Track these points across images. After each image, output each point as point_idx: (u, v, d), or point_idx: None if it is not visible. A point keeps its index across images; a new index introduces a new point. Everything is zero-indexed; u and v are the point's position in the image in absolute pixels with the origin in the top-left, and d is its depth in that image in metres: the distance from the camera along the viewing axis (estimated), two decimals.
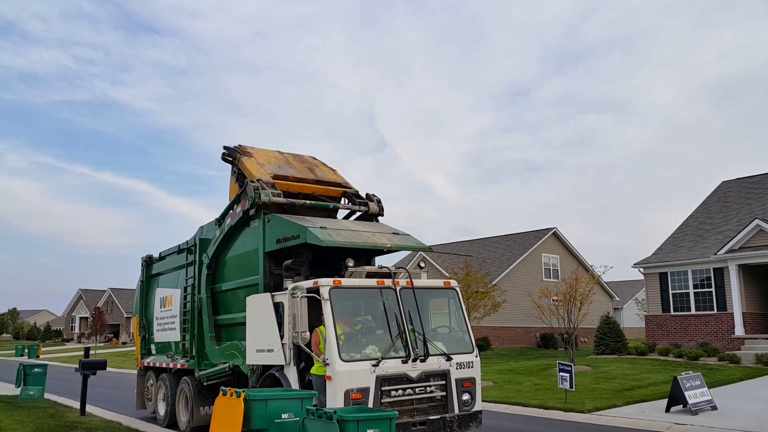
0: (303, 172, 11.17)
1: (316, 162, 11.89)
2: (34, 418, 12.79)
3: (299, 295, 8.15)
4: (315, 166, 11.60)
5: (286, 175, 10.79)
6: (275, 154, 11.40)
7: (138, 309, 15.08)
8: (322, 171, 11.50)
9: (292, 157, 11.63)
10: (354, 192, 11.33)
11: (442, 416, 8.41)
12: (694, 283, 23.68)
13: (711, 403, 12.70)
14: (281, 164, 11.05)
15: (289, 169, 11.02)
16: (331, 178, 11.38)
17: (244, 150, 11.08)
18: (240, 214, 10.43)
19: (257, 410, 6.67)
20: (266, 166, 10.73)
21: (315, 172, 11.32)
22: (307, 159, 11.89)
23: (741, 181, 28.54)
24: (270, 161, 10.98)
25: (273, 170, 10.69)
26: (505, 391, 16.44)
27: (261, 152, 11.21)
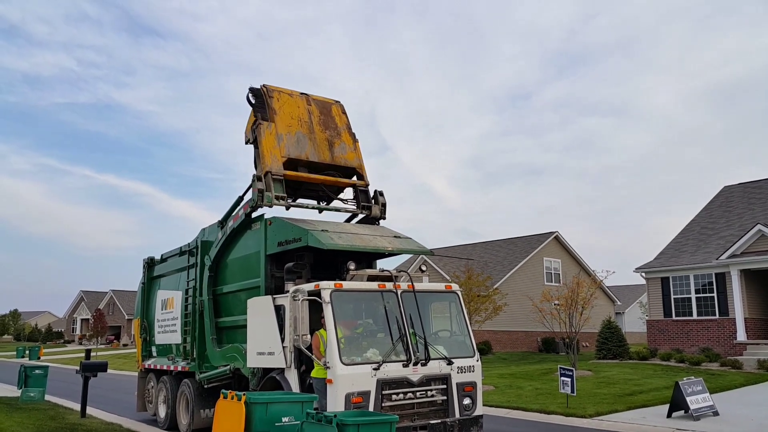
0: (321, 147, 10.52)
1: (340, 126, 11.03)
2: (35, 419, 12.79)
3: (300, 298, 8.14)
4: (337, 136, 10.85)
5: (299, 157, 10.23)
6: (300, 111, 10.60)
7: (139, 311, 15.07)
8: (342, 144, 10.86)
9: (318, 115, 10.79)
10: (363, 187, 10.96)
11: (443, 420, 8.39)
12: (696, 288, 23.62)
13: (713, 408, 12.66)
14: (301, 134, 10.39)
15: (306, 144, 10.38)
16: (347, 158, 10.84)
17: (270, 102, 10.30)
18: (242, 217, 10.37)
19: (258, 413, 6.66)
20: (283, 140, 10.11)
21: (333, 149, 10.71)
22: (333, 118, 11.02)
23: (743, 186, 28.50)
24: (291, 126, 10.32)
25: (288, 148, 10.13)
26: (506, 396, 16.40)
27: (286, 107, 10.42)
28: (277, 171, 9.85)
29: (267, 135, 10.02)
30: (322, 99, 11.17)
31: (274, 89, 10.52)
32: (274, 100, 10.36)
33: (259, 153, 10.02)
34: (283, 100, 10.47)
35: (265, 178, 9.76)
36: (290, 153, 10.12)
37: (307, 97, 10.92)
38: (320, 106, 10.95)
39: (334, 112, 11.08)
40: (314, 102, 10.94)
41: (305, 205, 10.80)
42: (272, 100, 10.33)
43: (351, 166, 10.87)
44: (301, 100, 10.76)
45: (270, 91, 10.47)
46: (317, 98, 11.10)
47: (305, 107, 10.73)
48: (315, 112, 10.78)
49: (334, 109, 11.12)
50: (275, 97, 10.41)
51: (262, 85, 10.56)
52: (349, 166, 10.85)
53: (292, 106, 10.53)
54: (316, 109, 10.83)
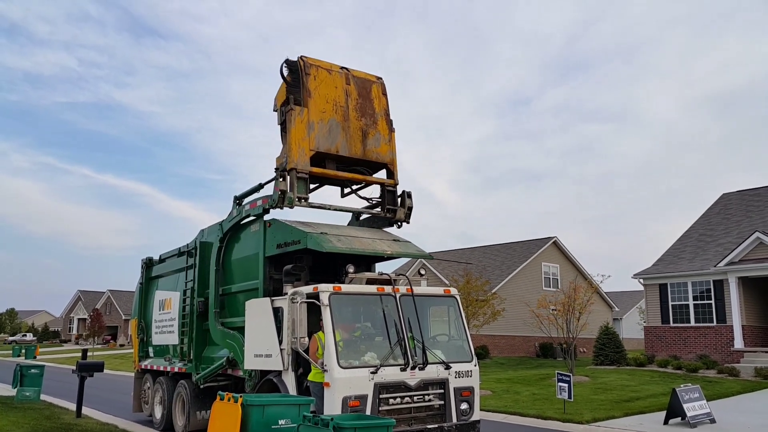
0: (354, 139, 9.79)
1: (378, 112, 10.18)
2: (30, 419, 12.75)
3: (299, 301, 8.13)
4: (372, 124, 10.04)
5: (329, 150, 9.55)
6: (337, 93, 9.75)
7: (137, 311, 15.04)
8: (377, 135, 10.10)
9: (355, 98, 9.95)
10: (392, 186, 10.30)
11: (440, 425, 8.37)
12: (694, 295, 23.63)
13: (709, 416, 12.65)
14: (334, 123, 9.61)
15: (338, 136, 9.64)
16: (380, 152, 10.13)
17: (306, 80, 9.42)
18: (260, 209, 9.89)
19: (254, 416, 6.63)
20: (315, 129, 9.37)
21: (367, 140, 9.96)
22: (371, 101, 10.15)
23: (742, 194, 28.54)
24: (325, 112, 9.54)
25: (319, 140, 9.40)
26: (504, 401, 16.38)
27: (322, 87, 9.57)
28: (302, 168, 9.23)
29: (297, 123, 9.24)
30: (363, 76, 10.26)
31: (312, 63, 9.61)
32: (311, 78, 9.48)
33: (286, 141, 9.31)
34: (320, 79, 9.60)
35: (289, 174, 9.17)
36: (320, 146, 9.43)
37: (347, 74, 9.98)
38: (360, 86, 10.05)
39: (373, 94, 10.23)
40: (354, 80, 10.02)
41: (326, 206, 10.16)
42: (308, 78, 9.46)
43: (382, 161, 10.22)
44: (340, 77, 9.85)
45: (307, 65, 9.54)
46: (358, 75, 10.17)
47: (343, 87, 9.86)
48: (353, 94, 9.94)
49: (374, 90, 10.26)
50: (312, 74, 9.52)
51: (299, 57, 9.61)
52: (381, 161, 10.20)
53: (329, 86, 9.68)
54: (355, 90, 9.97)
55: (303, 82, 9.42)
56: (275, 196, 9.20)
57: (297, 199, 9.20)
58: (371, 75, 10.37)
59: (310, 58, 9.66)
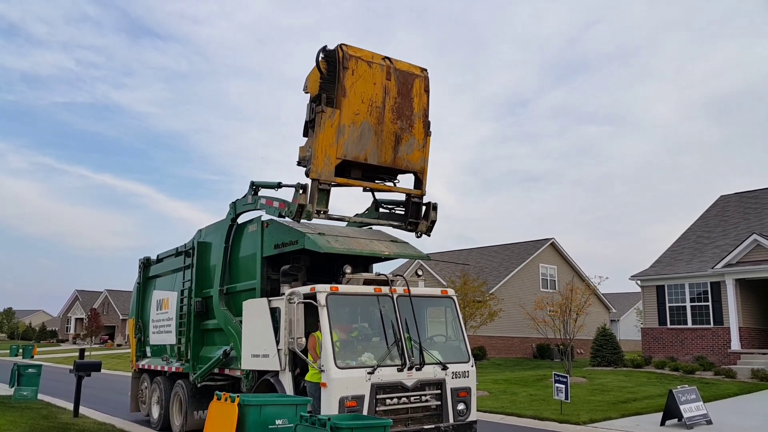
0: (385, 145, 8.96)
1: (416, 112, 9.26)
2: (27, 418, 12.74)
3: (296, 301, 8.14)
4: (408, 128, 9.19)
5: (357, 158, 8.79)
6: (375, 91, 8.79)
7: (134, 311, 15.05)
8: (411, 140, 9.25)
9: (394, 96, 8.98)
10: (418, 197, 9.64)
11: (436, 426, 8.39)
12: (691, 297, 23.68)
13: (706, 417, 12.68)
14: (367, 127, 8.75)
15: (369, 141, 8.80)
16: (411, 159, 9.32)
17: (343, 76, 8.45)
18: (274, 212, 9.41)
19: (251, 416, 6.65)
20: (345, 134, 8.55)
21: (399, 146, 9.12)
22: (411, 100, 9.19)
23: (740, 196, 28.60)
24: (359, 114, 8.66)
25: (347, 147, 8.62)
26: (501, 402, 16.40)
27: (359, 83, 8.63)
28: (326, 178, 8.54)
29: (327, 127, 8.37)
30: (406, 68, 9.16)
31: (352, 55, 8.55)
32: (348, 73, 8.48)
33: (312, 147, 8.49)
34: (358, 73, 8.59)
35: (310, 185, 8.49)
36: (348, 153, 8.67)
37: (389, 67, 8.92)
38: (401, 81, 9.04)
39: (414, 91, 9.21)
40: (395, 74, 8.97)
41: (346, 219, 9.75)
42: (345, 73, 8.46)
43: (412, 169, 9.45)
44: (380, 71, 8.80)
45: (347, 57, 8.50)
46: (401, 67, 9.10)
47: (382, 83, 8.83)
48: (392, 91, 8.95)
49: (416, 86, 9.23)
50: (350, 68, 8.50)
51: (339, 45, 8.55)
52: (410, 169, 9.44)
53: (367, 83, 8.68)
54: (395, 86, 8.97)
55: (339, 77, 8.45)
56: (293, 207, 8.58)
57: (316, 212, 8.64)
58: (416, 67, 9.30)
59: (350, 48, 8.61)
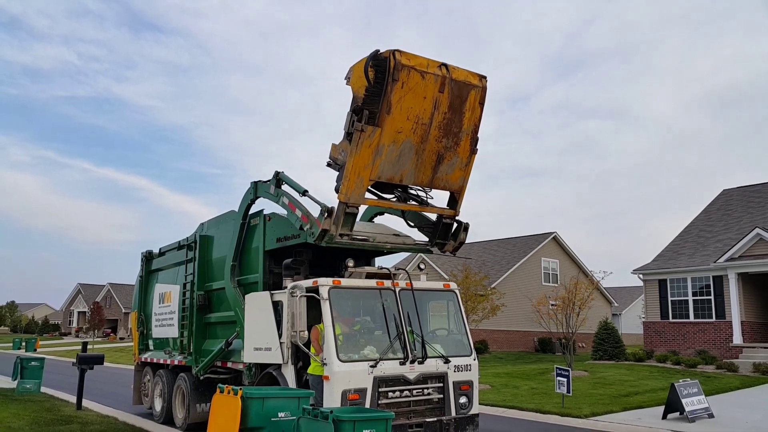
0: (424, 165, 8.29)
1: (465, 128, 8.39)
2: (30, 411, 12.79)
3: (298, 295, 8.14)
4: (454, 146, 8.42)
5: (391, 179, 8.24)
6: (424, 106, 7.88)
7: (137, 304, 15.07)
8: (454, 159, 8.51)
9: (444, 111, 8.08)
10: (450, 218, 9.09)
11: (438, 419, 8.40)
12: (693, 291, 23.67)
13: (708, 410, 12.69)
14: (408, 146, 7.99)
15: (408, 162, 8.10)
16: (450, 179, 8.66)
17: (391, 89, 7.52)
18: (297, 218, 8.75)
19: (254, 408, 6.66)
20: (382, 155, 7.81)
21: (439, 166, 8.44)
22: (462, 114, 8.29)
23: (742, 190, 28.53)
24: (402, 133, 7.84)
25: (383, 169, 7.95)
26: (502, 395, 16.42)
27: (408, 98, 7.72)
28: (355, 201, 8.01)
29: (364, 148, 7.61)
30: (463, 77, 8.14)
31: (405, 64, 7.54)
32: (398, 86, 7.54)
33: (345, 167, 7.79)
34: (409, 86, 7.66)
35: (338, 207, 7.99)
36: (383, 175, 8.05)
37: (444, 77, 7.91)
38: (455, 93, 8.09)
39: (468, 104, 8.28)
40: (450, 85, 8.00)
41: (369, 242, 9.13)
42: (395, 86, 7.52)
43: (450, 189, 8.82)
44: (434, 82, 7.84)
45: (399, 66, 7.48)
46: (458, 76, 8.08)
47: (433, 97, 7.91)
48: (443, 105, 8.06)
49: (470, 98, 8.27)
50: (401, 80, 7.54)
51: (392, 52, 7.51)
52: (448, 189, 8.82)
53: (417, 97, 7.79)
54: (447, 100, 8.06)
55: (386, 90, 7.53)
56: (315, 229, 8.10)
57: (339, 235, 8.18)
58: (474, 75, 8.29)
59: (404, 55, 7.58)
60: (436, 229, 9.18)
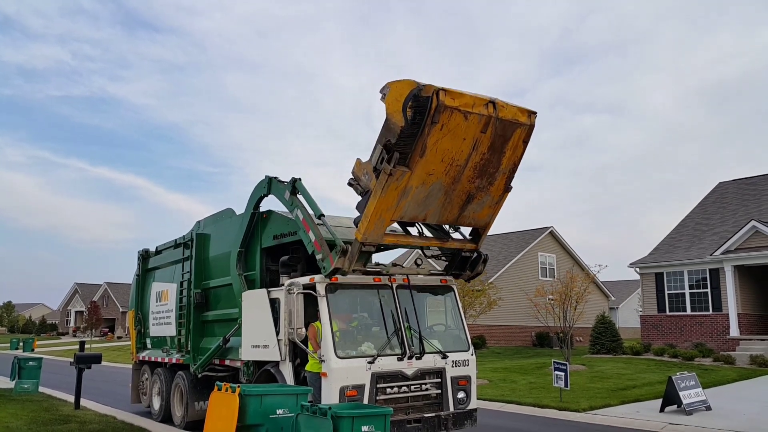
0: (452, 205, 7.81)
1: (504, 167, 7.80)
2: (29, 411, 12.77)
3: (295, 292, 8.13)
4: (487, 186, 7.87)
5: (414, 219, 7.92)
6: (461, 147, 7.26)
7: (134, 303, 15.05)
8: (486, 197, 8.01)
9: (483, 152, 7.48)
10: (469, 252, 8.81)
11: (437, 414, 8.41)
12: (690, 284, 23.74)
13: (705, 403, 12.73)
14: (438, 188, 7.47)
15: (434, 203, 7.62)
16: (478, 216, 8.22)
17: (428, 132, 6.88)
18: (310, 241, 8.32)
19: (252, 405, 6.66)
20: (408, 197, 7.31)
21: (468, 205, 7.97)
22: (503, 154, 7.69)
23: (738, 183, 28.60)
24: (433, 175, 7.30)
25: (407, 210, 7.51)
26: (501, 390, 16.45)
27: (445, 140, 7.08)
28: (373, 241, 7.65)
29: (390, 190, 7.09)
30: (510, 116, 7.45)
31: (448, 105, 6.82)
32: (437, 128, 6.88)
33: (367, 206, 7.37)
34: (450, 126, 6.97)
35: (353, 246, 7.60)
36: (406, 215, 7.67)
37: (489, 117, 7.22)
38: (498, 133, 7.45)
39: (511, 143, 7.67)
40: (495, 124, 7.33)
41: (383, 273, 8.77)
42: (433, 128, 6.86)
43: (475, 225, 8.47)
44: (477, 123, 7.16)
45: (441, 108, 6.77)
46: (505, 115, 7.38)
47: (474, 137, 7.26)
48: (483, 145, 7.42)
49: (514, 137, 7.64)
50: (442, 122, 6.87)
51: (436, 92, 6.70)
52: (473, 225, 8.47)
53: (455, 139, 7.15)
54: (488, 140, 7.43)
55: (424, 131, 6.87)
56: (327, 265, 7.79)
57: (351, 271, 7.96)
58: (523, 112, 7.61)
59: (449, 94, 6.82)
60: (454, 259, 8.89)
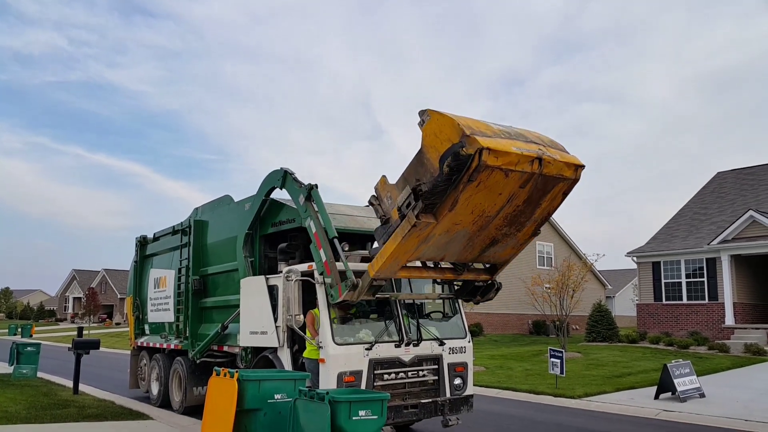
0: (473, 248, 7.43)
1: (536, 216, 7.26)
2: (27, 395, 12.84)
3: (293, 279, 8.17)
4: (515, 232, 7.45)
5: (432, 259, 7.72)
6: (495, 200, 6.62)
7: (132, 289, 15.08)
8: (511, 240, 7.62)
9: (518, 204, 6.88)
10: (483, 282, 8.45)
11: (433, 400, 8.48)
12: (687, 273, 23.84)
13: (699, 390, 12.85)
14: (462, 235, 7.02)
15: (455, 247, 7.24)
16: (499, 256, 7.90)
17: (462, 189, 6.23)
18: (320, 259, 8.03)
19: (250, 390, 6.70)
20: (429, 243, 6.87)
21: (491, 248, 7.59)
22: (538, 206, 7.11)
23: (736, 173, 28.64)
24: (459, 225, 6.79)
25: (426, 252, 7.14)
26: (497, 376, 16.57)
27: (479, 195, 6.41)
28: (385, 276, 7.38)
29: (413, 238, 6.64)
30: (555, 172, 6.69)
31: (491, 165, 6.01)
32: (473, 185, 6.23)
33: (384, 245, 6.94)
34: (488, 184, 6.31)
35: (364, 280, 7.32)
36: (423, 257, 7.40)
37: (533, 173, 6.48)
38: (538, 187, 6.78)
39: (549, 196, 7.02)
40: (537, 180, 6.63)
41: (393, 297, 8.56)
42: (469, 186, 6.21)
43: (494, 263, 8.16)
44: (518, 179, 6.45)
45: (482, 167, 5.99)
46: (550, 171, 6.62)
47: (511, 191, 6.62)
48: (518, 199, 6.80)
49: (556, 189, 6.98)
50: (479, 180, 6.16)
51: (479, 150, 5.87)
52: (492, 263, 8.15)
53: (491, 194, 6.52)
54: (526, 194, 6.77)
55: (458, 187, 6.22)
56: (335, 294, 7.58)
57: (359, 302, 7.81)
58: (570, 167, 6.84)
59: (495, 152, 5.98)
60: (466, 286, 8.54)
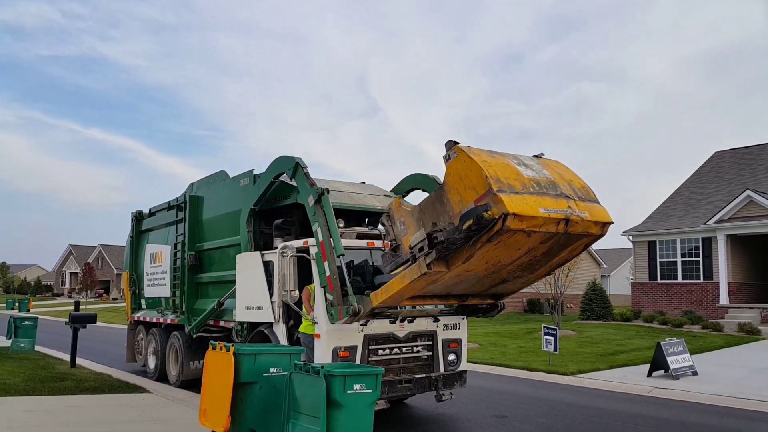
0: (483, 284, 7.22)
1: (549, 263, 6.97)
2: (25, 369, 12.92)
3: (289, 255, 8.18)
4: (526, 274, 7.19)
5: (437, 294, 7.46)
6: (513, 254, 6.30)
7: (128, 264, 15.10)
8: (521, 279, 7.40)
9: (536, 255, 6.57)
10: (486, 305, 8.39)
11: (427, 375, 8.56)
12: (683, 252, 23.94)
13: (692, 368, 12.97)
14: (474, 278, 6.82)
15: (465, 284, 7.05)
16: (508, 288, 7.74)
17: (483, 246, 5.86)
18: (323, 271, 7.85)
19: (246, 364, 6.73)
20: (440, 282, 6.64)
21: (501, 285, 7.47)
22: (554, 256, 6.78)
23: (734, 152, 28.61)
24: (470, 272, 6.53)
25: (434, 290, 7.01)
26: (491, 353, 16.70)
27: (496, 251, 6.11)
28: (388, 306, 7.33)
29: (420, 281, 6.38)
30: (582, 230, 6.28)
31: (515, 228, 5.64)
32: (492, 244, 5.89)
33: (392, 282, 6.75)
34: (508, 243, 5.98)
35: (365, 308, 7.20)
36: (429, 293, 7.28)
37: (557, 233, 6.10)
38: (561, 243, 6.43)
39: (569, 248, 6.71)
40: (560, 237, 6.27)
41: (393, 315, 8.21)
42: (489, 245, 5.89)
43: (501, 293, 8.04)
44: (540, 238, 6.10)
45: (505, 230, 5.61)
46: (576, 230, 6.22)
47: (531, 247, 6.28)
48: (537, 252, 6.48)
49: (578, 243, 6.64)
50: (500, 240, 5.83)
51: (503, 215, 5.43)
52: (500, 293, 8.00)
53: (509, 249, 6.19)
54: (546, 248, 6.46)
55: (476, 245, 5.86)
56: (335, 314, 7.52)
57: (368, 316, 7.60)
58: (597, 224, 6.40)
59: (520, 217, 5.54)
60: (468, 306, 8.39)
